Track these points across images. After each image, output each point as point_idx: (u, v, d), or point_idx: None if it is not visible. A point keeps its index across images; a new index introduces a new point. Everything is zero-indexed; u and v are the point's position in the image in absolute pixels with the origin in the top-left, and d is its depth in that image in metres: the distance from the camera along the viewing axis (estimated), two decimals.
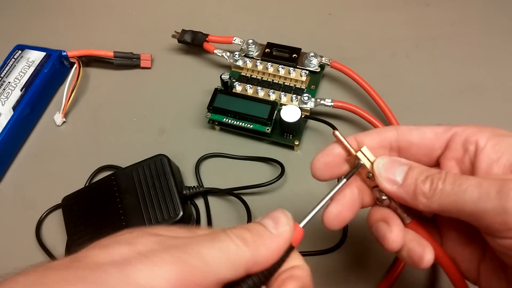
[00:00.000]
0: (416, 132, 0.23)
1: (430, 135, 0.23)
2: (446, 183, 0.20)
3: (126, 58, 0.48)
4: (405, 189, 0.22)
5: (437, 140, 0.23)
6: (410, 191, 0.22)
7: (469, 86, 0.45)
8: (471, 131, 0.22)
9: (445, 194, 0.20)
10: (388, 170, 0.23)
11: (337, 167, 0.25)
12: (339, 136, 0.24)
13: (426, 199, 0.21)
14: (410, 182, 0.22)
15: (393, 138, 0.24)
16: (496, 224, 0.19)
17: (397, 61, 0.47)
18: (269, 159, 0.41)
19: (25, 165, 0.44)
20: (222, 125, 0.42)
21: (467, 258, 0.23)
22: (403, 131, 0.24)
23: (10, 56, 0.47)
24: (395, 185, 0.22)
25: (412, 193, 0.22)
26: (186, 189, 0.38)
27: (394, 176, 0.22)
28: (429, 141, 0.23)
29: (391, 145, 0.24)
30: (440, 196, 0.20)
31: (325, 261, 0.36)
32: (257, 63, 0.44)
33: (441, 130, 0.23)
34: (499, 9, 0.50)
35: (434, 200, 0.21)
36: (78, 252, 0.18)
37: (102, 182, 0.38)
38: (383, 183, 0.23)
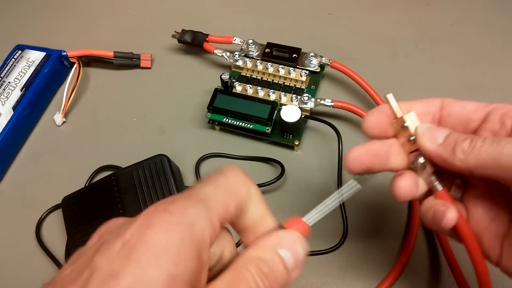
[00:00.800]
0: (459, 103, 0.25)
1: (471, 107, 0.24)
2: (485, 141, 0.21)
3: (126, 58, 0.48)
4: (445, 147, 0.23)
5: (476, 112, 0.24)
6: (450, 148, 0.22)
7: (469, 86, 0.45)
8: (510, 107, 0.23)
9: (484, 150, 0.21)
10: (431, 131, 0.24)
11: (387, 126, 0.25)
12: (390, 98, 0.25)
13: (464, 155, 0.22)
14: (451, 141, 0.23)
15: (437, 108, 0.25)
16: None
17: (397, 61, 0.47)
18: (269, 159, 0.41)
19: (25, 165, 0.44)
20: (222, 125, 0.42)
21: (492, 233, 0.24)
22: (448, 102, 0.25)
23: (10, 56, 0.47)
24: (435, 144, 0.23)
25: (451, 150, 0.22)
26: (186, 189, 0.38)
27: (436, 136, 0.23)
28: (469, 113, 0.24)
29: (434, 115, 0.25)
30: (479, 152, 0.21)
31: (325, 261, 0.36)
32: (257, 63, 0.44)
33: (482, 105, 0.24)
34: (499, 9, 0.50)
35: (473, 155, 0.21)
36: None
37: (102, 182, 0.38)
38: (425, 142, 0.23)
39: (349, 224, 0.37)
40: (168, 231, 0.16)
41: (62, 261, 0.37)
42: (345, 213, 0.37)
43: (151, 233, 0.16)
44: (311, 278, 0.35)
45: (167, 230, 0.16)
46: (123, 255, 0.15)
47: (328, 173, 0.40)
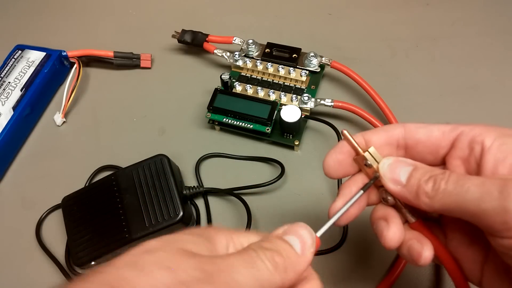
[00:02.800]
0: (423, 130, 0.24)
1: (436, 133, 0.23)
2: (449, 183, 0.20)
3: (126, 58, 0.48)
4: (409, 189, 0.22)
5: (444, 139, 0.23)
6: (413, 191, 0.22)
7: (469, 86, 0.45)
8: (477, 130, 0.22)
9: (447, 194, 0.20)
10: (393, 171, 0.23)
11: (349, 164, 0.25)
12: (347, 135, 0.24)
13: (428, 199, 0.21)
14: (413, 183, 0.22)
15: (400, 136, 0.24)
16: (496, 224, 0.19)
17: (397, 61, 0.47)
18: (269, 159, 0.41)
19: (25, 165, 0.44)
20: (222, 125, 0.42)
21: (470, 259, 0.23)
22: (410, 128, 0.24)
23: (10, 56, 0.47)
24: (399, 185, 0.22)
25: (415, 193, 0.22)
26: (186, 189, 0.38)
27: (398, 176, 0.23)
28: (435, 140, 0.23)
29: (398, 143, 0.24)
30: (443, 196, 0.21)
31: (325, 261, 0.36)
32: (257, 63, 0.44)
33: (448, 129, 0.23)
34: (499, 9, 0.50)
35: (437, 200, 0.21)
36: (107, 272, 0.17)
37: (102, 182, 0.38)
38: (387, 183, 0.23)
39: (349, 224, 0.37)
40: None
41: (62, 261, 0.37)
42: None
43: None
44: None
45: None
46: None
47: None
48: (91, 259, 0.36)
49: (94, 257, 0.36)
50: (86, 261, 0.36)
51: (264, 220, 0.38)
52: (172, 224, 0.35)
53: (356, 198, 0.24)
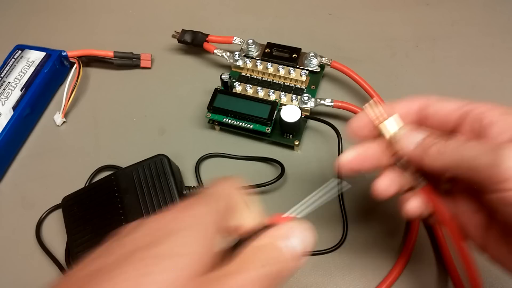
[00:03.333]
0: (441, 103, 0.26)
1: (451, 106, 0.25)
2: (453, 143, 0.23)
3: (126, 58, 0.48)
4: (418, 148, 0.25)
5: (455, 112, 0.25)
6: (421, 150, 0.24)
7: (469, 86, 0.45)
8: (482, 109, 0.24)
9: (449, 152, 0.23)
10: (406, 137, 0.25)
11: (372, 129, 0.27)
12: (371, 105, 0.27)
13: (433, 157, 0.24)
14: (423, 143, 0.24)
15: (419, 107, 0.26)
16: (487, 178, 0.21)
17: (397, 61, 0.47)
18: (269, 159, 0.41)
19: (25, 165, 0.44)
20: (222, 125, 0.42)
21: (475, 224, 0.25)
22: (432, 100, 0.26)
23: (10, 56, 0.47)
24: (409, 148, 0.25)
25: (420, 155, 0.24)
26: (186, 189, 0.38)
27: (410, 141, 0.25)
28: (448, 112, 0.25)
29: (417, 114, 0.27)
30: (445, 155, 0.23)
31: (325, 261, 0.36)
32: (257, 63, 0.44)
33: (461, 104, 0.25)
34: (499, 9, 0.50)
35: (440, 158, 0.23)
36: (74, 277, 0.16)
37: (102, 182, 0.38)
38: (400, 147, 0.25)
39: (349, 224, 0.37)
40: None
41: (62, 261, 0.37)
42: (345, 213, 0.37)
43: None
44: (311, 278, 0.35)
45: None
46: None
47: (328, 173, 0.40)
48: None
49: None
50: None
51: None
52: None
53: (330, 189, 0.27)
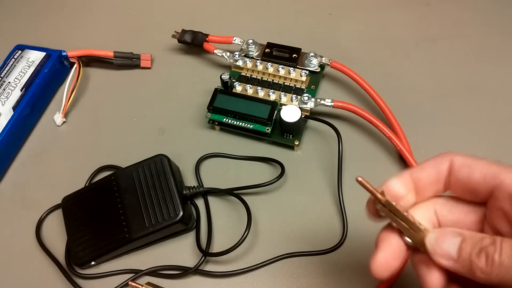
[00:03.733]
0: (466, 169, 0.22)
1: (478, 176, 0.22)
2: (503, 256, 0.19)
3: (126, 58, 0.48)
4: (462, 264, 0.21)
5: (483, 184, 0.21)
6: (467, 266, 0.20)
7: (469, 86, 0.45)
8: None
9: (504, 268, 0.19)
10: (441, 245, 0.21)
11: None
12: (365, 183, 0.22)
13: (484, 275, 0.20)
14: (465, 257, 0.20)
15: (446, 173, 0.23)
16: None
17: (397, 61, 0.47)
18: (269, 159, 0.41)
19: (25, 165, 0.44)
20: (222, 125, 0.42)
21: None
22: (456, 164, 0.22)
23: (10, 56, 0.47)
24: (451, 260, 0.21)
25: (469, 268, 0.20)
26: (186, 189, 0.38)
27: (448, 251, 0.21)
28: (474, 183, 0.22)
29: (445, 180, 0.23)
30: (499, 271, 0.19)
31: (325, 261, 0.36)
32: (257, 63, 0.44)
33: (489, 174, 0.21)
34: (499, 9, 0.50)
35: (493, 275, 0.19)
36: None
37: (102, 182, 0.38)
38: (439, 260, 0.21)
39: (349, 224, 0.37)
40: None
41: (62, 261, 0.37)
42: (345, 213, 0.37)
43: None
44: (311, 278, 0.35)
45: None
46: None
47: (328, 173, 0.40)
48: (91, 259, 0.36)
49: (94, 257, 0.36)
50: (86, 261, 0.36)
51: (264, 220, 0.38)
52: (172, 224, 0.35)
53: None
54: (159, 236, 0.36)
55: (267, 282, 0.36)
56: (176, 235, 0.38)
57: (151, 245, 0.37)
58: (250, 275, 0.36)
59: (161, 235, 0.36)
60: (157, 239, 0.37)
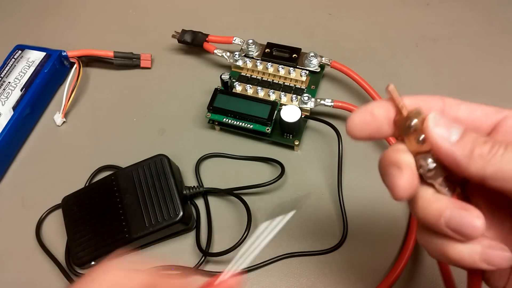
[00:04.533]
0: (465, 107, 0.21)
1: (479, 113, 0.21)
2: (508, 150, 0.18)
3: (126, 58, 0.48)
4: (462, 146, 0.19)
5: (486, 120, 0.20)
6: (467, 150, 0.19)
7: (469, 86, 0.45)
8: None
9: (506, 159, 0.18)
10: (445, 124, 0.19)
11: (374, 127, 0.21)
12: (394, 91, 0.21)
13: (483, 161, 0.18)
14: (468, 141, 0.19)
15: (439, 109, 0.21)
16: None
17: (397, 61, 0.47)
18: (269, 159, 0.41)
19: (25, 165, 0.44)
20: (222, 125, 0.42)
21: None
22: (451, 103, 0.21)
23: (10, 56, 0.47)
24: (448, 142, 0.19)
25: (468, 152, 0.19)
26: (186, 189, 0.38)
27: (449, 132, 0.19)
28: (477, 119, 0.21)
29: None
30: (500, 161, 0.18)
31: (325, 261, 0.36)
32: (257, 63, 0.44)
33: (491, 111, 0.21)
34: (499, 9, 0.50)
35: (492, 163, 0.18)
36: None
37: (102, 182, 0.38)
38: (437, 138, 0.19)
39: (349, 224, 0.37)
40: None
41: (62, 261, 0.37)
42: (345, 213, 0.37)
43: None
44: (311, 278, 0.35)
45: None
46: None
47: (328, 173, 0.40)
48: (91, 259, 0.36)
49: (94, 257, 0.36)
50: (86, 261, 0.36)
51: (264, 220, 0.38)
52: (172, 224, 0.35)
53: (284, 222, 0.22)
54: (159, 236, 0.36)
55: (267, 282, 0.36)
56: (176, 235, 0.38)
57: (151, 245, 0.37)
58: (250, 275, 0.36)
59: (161, 235, 0.36)
60: (157, 239, 0.37)
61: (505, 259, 0.19)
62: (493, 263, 0.19)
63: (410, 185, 0.20)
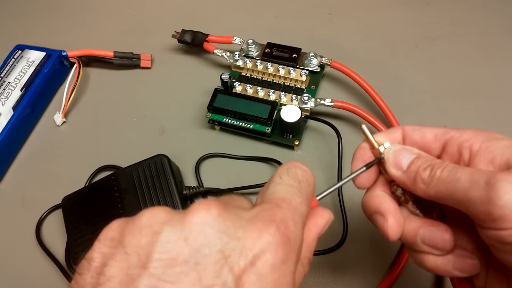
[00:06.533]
0: (418, 132, 0.24)
1: (429, 136, 0.24)
2: (444, 171, 0.21)
3: (126, 58, 0.48)
4: (408, 174, 0.23)
5: (435, 142, 0.24)
6: (411, 177, 0.23)
7: (469, 86, 0.45)
8: (466, 136, 0.22)
9: (441, 181, 0.21)
10: (397, 157, 0.24)
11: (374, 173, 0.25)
12: (365, 130, 0.25)
13: (424, 185, 0.22)
14: (413, 169, 0.23)
15: (400, 138, 0.25)
16: (481, 214, 0.19)
17: (397, 61, 0.47)
18: (269, 159, 0.41)
19: (25, 165, 0.44)
20: (222, 125, 0.42)
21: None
22: (408, 130, 0.25)
23: (10, 56, 0.47)
24: (400, 170, 0.23)
25: (413, 179, 0.22)
26: (186, 189, 0.38)
27: (400, 162, 0.23)
28: (427, 142, 0.24)
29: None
30: (437, 183, 0.21)
31: (325, 261, 0.36)
32: (257, 63, 0.44)
33: (440, 132, 0.24)
34: (499, 9, 0.50)
35: (431, 187, 0.21)
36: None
37: (102, 182, 0.38)
38: (389, 168, 0.24)
39: (349, 224, 0.37)
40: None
41: (62, 261, 0.37)
42: (345, 213, 0.37)
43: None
44: (311, 278, 0.35)
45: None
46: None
47: (328, 173, 0.40)
48: None
49: None
50: None
51: None
52: None
53: (358, 173, 0.25)
54: None
55: None
56: None
57: None
58: None
59: None
60: None
61: (474, 266, 0.22)
62: (464, 271, 0.22)
63: (398, 226, 0.23)
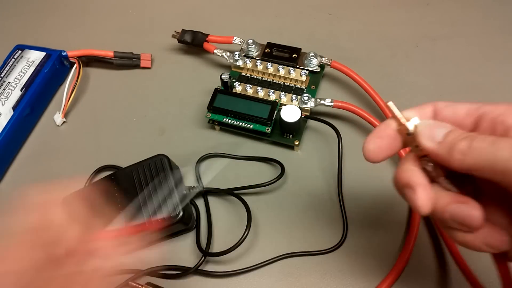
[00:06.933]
0: (450, 108, 0.24)
1: (462, 112, 0.24)
2: (484, 141, 0.21)
3: (126, 58, 0.48)
4: (444, 146, 0.22)
5: (467, 117, 0.23)
6: (447, 147, 0.22)
7: (469, 86, 0.45)
8: (500, 110, 0.22)
9: (481, 151, 0.20)
10: (431, 129, 0.23)
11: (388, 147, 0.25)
12: (393, 107, 0.25)
13: (461, 155, 0.21)
14: (449, 140, 0.22)
15: (430, 114, 0.25)
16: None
17: (397, 61, 0.47)
18: (269, 159, 0.41)
19: (25, 165, 0.44)
20: (222, 125, 0.42)
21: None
22: (440, 106, 0.24)
23: (10, 56, 0.47)
24: (434, 142, 0.22)
25: (448, 149, 0.22)
26: (186, 189, 0.38)
27: (435, 134, 0.23)
28: (460, 118, 0.24)
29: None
30: (476, 153, 0.21)
31: (325, 261, 0.36)
32: (257, 63, 0.44)
33: (473, 108, 0.23)
34: (499, 9, 0.50)
35: (470, 157, 0.21)
36: None
37: (102, 182, 0.38)
38: (423, 140, 0.23)
39: (349, 224, 0.37)
40: None
41: None
42: (345, 213, 0.37)
43: None
44: (311, 278, 0.35)
45: None
46: None
47: (328, 173, 0.40)
48: None
49: None
50: None
51: (264, 220, 0.38)
52: (172, 224, 0.35)
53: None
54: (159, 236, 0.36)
55: (267, 282, 0.36)
56: (176, 235, 0.38)
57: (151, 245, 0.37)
58: (250, 275, 0.36)
59: (161, 235, 0.36)
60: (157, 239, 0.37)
61: (504, 243, 0.22)
62: (493, 247, 0.22)
63: (428, 199, 0.22)
